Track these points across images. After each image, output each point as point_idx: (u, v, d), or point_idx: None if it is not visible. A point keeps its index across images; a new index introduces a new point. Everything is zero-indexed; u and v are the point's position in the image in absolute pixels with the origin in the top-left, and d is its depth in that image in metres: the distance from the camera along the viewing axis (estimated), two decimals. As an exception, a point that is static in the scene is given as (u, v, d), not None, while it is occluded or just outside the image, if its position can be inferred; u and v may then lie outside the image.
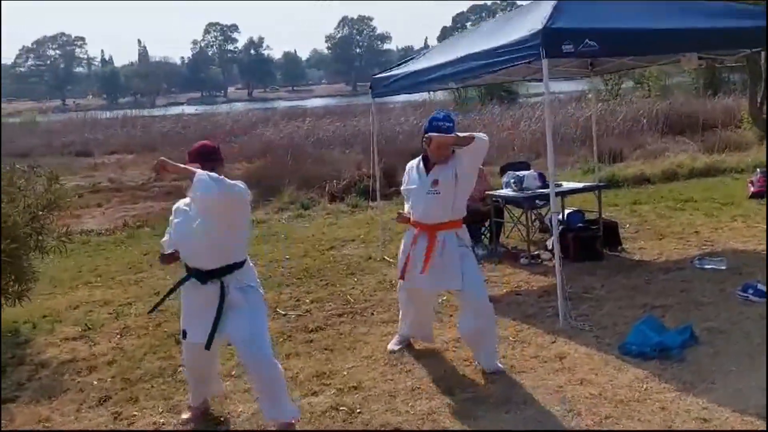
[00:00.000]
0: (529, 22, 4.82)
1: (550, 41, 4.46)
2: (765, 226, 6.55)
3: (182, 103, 66.36)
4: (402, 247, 4.12)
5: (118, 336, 5.04)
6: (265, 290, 3.87)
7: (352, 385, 3.86)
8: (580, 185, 6.89)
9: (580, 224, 6.62)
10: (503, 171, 7.48)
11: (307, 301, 5.64)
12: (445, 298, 5.13)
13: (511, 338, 4.44)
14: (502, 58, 4.92)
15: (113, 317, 5.51)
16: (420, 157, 4.04)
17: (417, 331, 4.37)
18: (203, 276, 3.27)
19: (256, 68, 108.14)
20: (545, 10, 4.73)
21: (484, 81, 9.17)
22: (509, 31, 5.10)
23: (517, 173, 6.55)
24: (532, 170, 6.77)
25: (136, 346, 4.76)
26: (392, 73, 6.87)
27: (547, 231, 6.98)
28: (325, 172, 12.60)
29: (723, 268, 5.57)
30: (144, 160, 17.61)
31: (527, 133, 18.89)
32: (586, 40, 4.50)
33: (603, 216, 6.63)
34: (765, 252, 5.87)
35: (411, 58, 7.15)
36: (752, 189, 8.83)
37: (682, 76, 23.93)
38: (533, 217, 7.38)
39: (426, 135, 3.82)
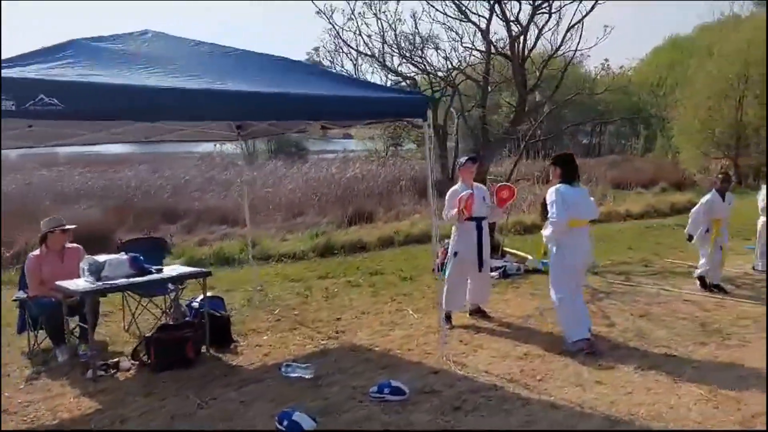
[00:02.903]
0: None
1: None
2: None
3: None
4: None
5: None
6: None
7: None
8: (186, 270, 5.59)
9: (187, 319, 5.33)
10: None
11: None
12: None
13: None
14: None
15: None
16: None
17: None
18: None
19: None
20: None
21: None
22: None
23: (102, 259, 5.06)
24: (124, 255, 5.30)
25: None
26: None
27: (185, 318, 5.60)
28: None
29: (308, 377, 4.53)
30: None
31: (289, 192, 18.05)
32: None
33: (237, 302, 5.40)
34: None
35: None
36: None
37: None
38: (169, 305, 5.99)
39: None
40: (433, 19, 8.99)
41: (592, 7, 8.66)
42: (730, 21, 26.98)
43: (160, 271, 5.26)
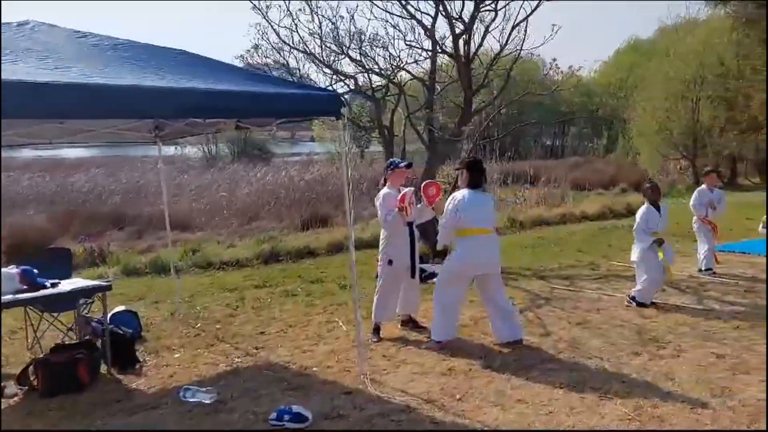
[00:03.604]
0: None
1: None
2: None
3: None
4: None
5: None
6: None
7: None
8: (84, 284, 5.08)
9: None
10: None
11: None
12: None
13: None
14: None
15: None
16: None
17: None
18: None
19: None
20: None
21: None
22: None
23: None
24: (15, 268, 4.81)
25: None
26: None
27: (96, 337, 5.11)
28: None
29: (208, 401, 4.11)
30: None
31: (245, 196, 17.54)
32: None
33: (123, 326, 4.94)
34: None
35: None
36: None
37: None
38: (73, 323, 5.48)
39: None
40: (375, 17, 8.65)
41: (537, 6, 8.42)
42: (689, 23, 27.28)
43: (56, 285, 4.79)
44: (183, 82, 3.86)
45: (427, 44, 9.00)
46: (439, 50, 8.87)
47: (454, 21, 8.33)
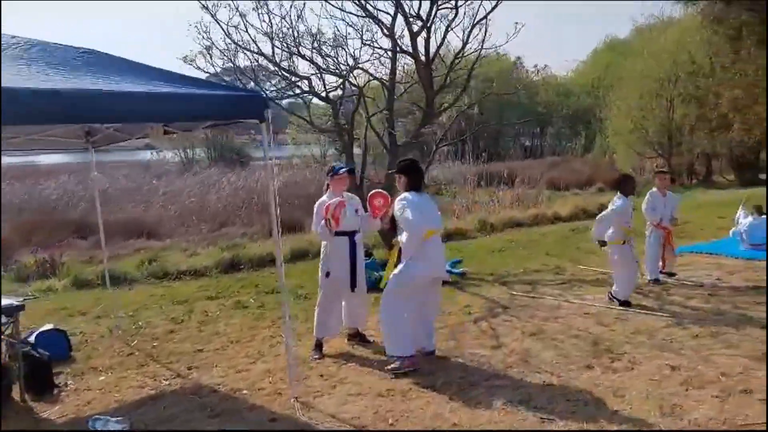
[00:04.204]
0: None
1: None
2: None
3: None
4: None
5: None
6: None
7: None
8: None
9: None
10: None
11: None
12: None
13: None
14: None
15: None
16: None
17: None
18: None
19: None
20: None
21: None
22: None
23: None
24: None
25: None
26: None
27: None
28: None
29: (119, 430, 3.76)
30: None
31: (217, 201, 17.12)
32: None
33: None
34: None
35: None
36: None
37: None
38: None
39: None
40: (331, 16, 8.30)
41: (496, 5, 8.14)
42: (663, 23, 27.25)
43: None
44: (86, 83, 3.51)
45: (387, 44, 8.70)
46: (399, 50, 8.55)
47: (411, 19, 8.02)
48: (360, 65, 8.28)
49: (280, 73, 8.11)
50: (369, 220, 5.22)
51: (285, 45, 7.70)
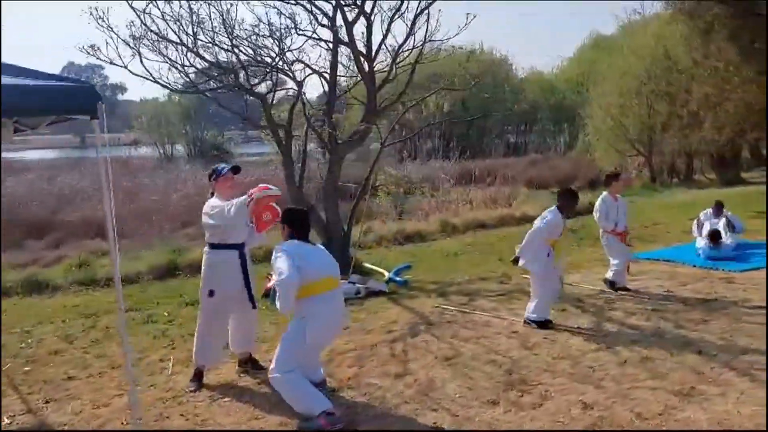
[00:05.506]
0: None
1: None
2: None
3: None
4: None
5: None
6: None
7: None
8: None
9: None
10: None
11: None
12: None
13: None
14: None
15: None
16: None
17: None
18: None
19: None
20: None
21: None
22: None
23: None
24: None
25: None
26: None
27: None
28: None
29: None
30: None
31: (181, 198, 16.46)
32: None
33: None
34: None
35: None
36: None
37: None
38: None
39: None
40: (263, 3, 7.59)
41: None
42: (645, 19, 26.54)
43: None
44: None
45: (326, 35, 8.02)
46: (340, 41, 7.87)
47: (345, 7, 7.34)
48: (298, 58, 7.60)
49: (197, 66, 7.42)
50: (253, 234, 4.57)
51: (198, 33, 6.99)
